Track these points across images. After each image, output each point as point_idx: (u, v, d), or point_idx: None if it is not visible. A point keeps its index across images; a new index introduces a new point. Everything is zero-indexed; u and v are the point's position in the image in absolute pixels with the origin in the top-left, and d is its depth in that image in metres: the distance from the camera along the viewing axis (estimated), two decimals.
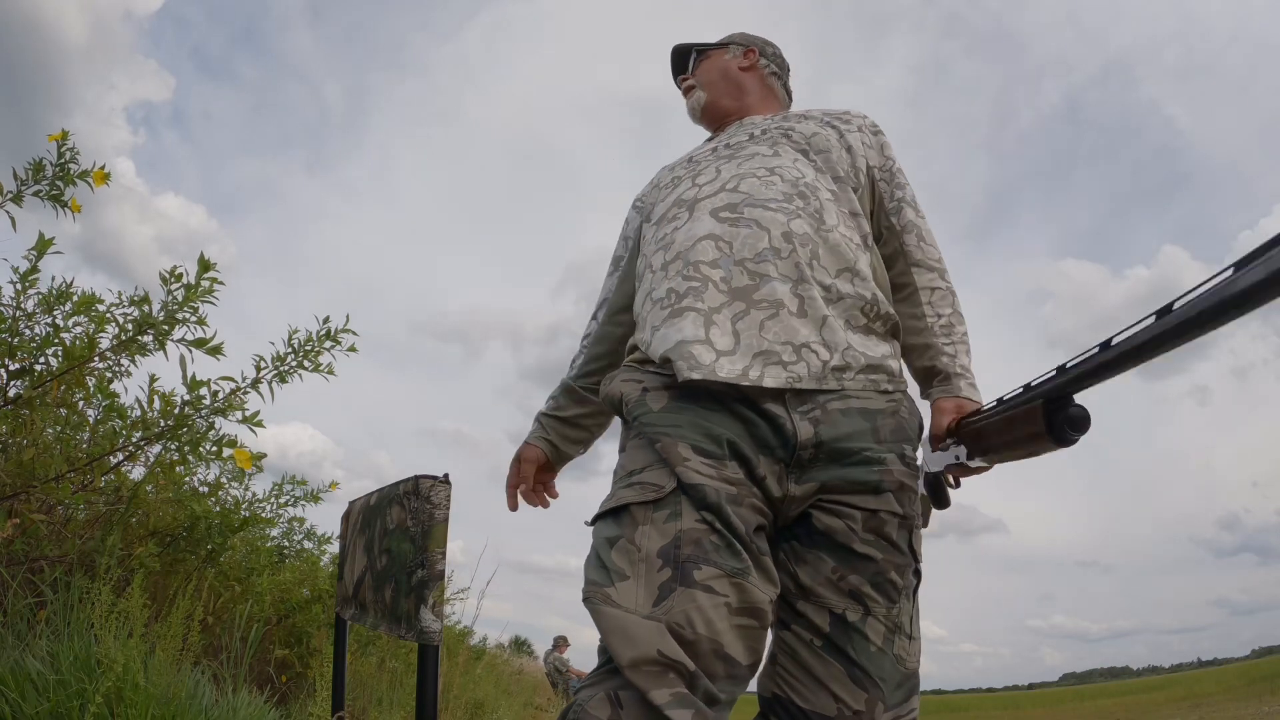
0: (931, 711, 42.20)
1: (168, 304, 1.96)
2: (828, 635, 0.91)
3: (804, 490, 0.93)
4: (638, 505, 0.90)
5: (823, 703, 0.90)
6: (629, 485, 0.93)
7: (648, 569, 0.84)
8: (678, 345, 0.96)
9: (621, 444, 1.03)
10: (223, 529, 2.26)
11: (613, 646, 0.81)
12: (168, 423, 1.98)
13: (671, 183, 1.20)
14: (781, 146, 1.16)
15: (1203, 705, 16.09)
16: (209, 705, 1.73)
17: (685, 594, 0.82)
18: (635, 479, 0.93)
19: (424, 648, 1.09)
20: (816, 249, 1.02)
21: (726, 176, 1.11)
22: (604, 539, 0.91)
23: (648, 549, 0.86)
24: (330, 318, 2.14)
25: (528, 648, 11.97)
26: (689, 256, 1.03)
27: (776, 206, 1.04)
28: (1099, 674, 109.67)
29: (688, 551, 0.84)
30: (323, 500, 2.80)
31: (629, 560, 0.86)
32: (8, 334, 1.85)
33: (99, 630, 1.65)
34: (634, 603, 0.83)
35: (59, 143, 1.89)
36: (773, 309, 0.96)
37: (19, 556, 1.84)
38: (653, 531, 0.87)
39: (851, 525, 0.92)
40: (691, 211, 1.09)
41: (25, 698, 1.45)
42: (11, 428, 1.90)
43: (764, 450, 0.92)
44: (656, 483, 0.90)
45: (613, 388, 1.05)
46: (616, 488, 0.95)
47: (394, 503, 1.20)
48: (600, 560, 0.88)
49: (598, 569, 0.88)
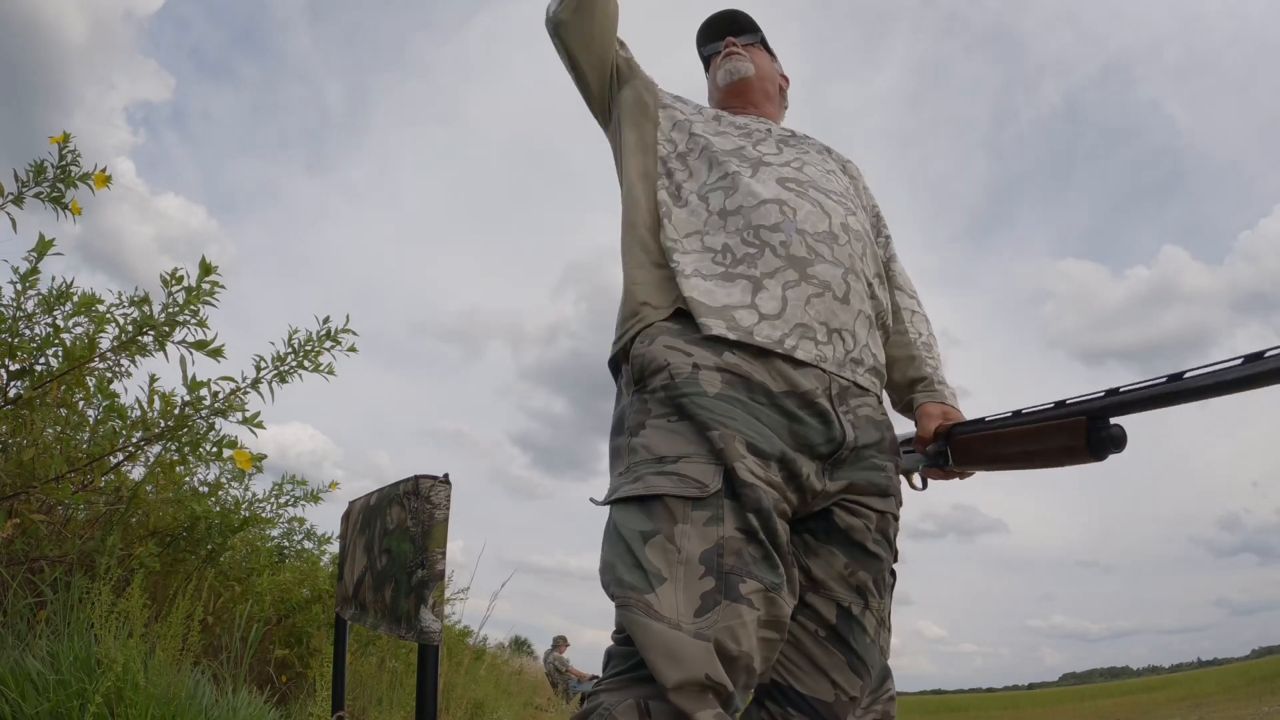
0: (931, 711, 42.17)
1: (168, 306, 1.96)
2: (833, 626, 0.95)
3: (836, 487, 0.96)
4: (675, 499, 0.85)
5: (822, 689, 0.93)
6: (663, 473, 0.87)
7: (687, 574, 0.81)
8: (723, 308, 0.95)
9: (639, 418, 0.93)
10: (223, 529, 2.26)
11: (655, 664, 0.78)
12: (168, 423, 1.98)
13: (718, 128, 1.19)
14: (826, 157, 1.22)
15: (1203, 705, 16.09)
16: (209, 705, 1.73)
17: (731, 609, 0.81)
18: (671, 468, 0.87)
19: (424, 648, 1.09)
20: (865, 248, 1.08)
21: (789, 156, 1.13)
22: (635, 531, 0.85)
23: (689, 551, 0.83)
24: (330, 318, 2.14)
25: (528, 648, 11.97)
26: (751, 218, 1.02)
27: (835, 199, 1.08)
28: (1099, 674, 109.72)
29: (730, 562, 0.83)
30: (323, 500, 2.80)
31: (667, 561, 0.82)
32: (8, 334, 1.85)
33: (99, 630, 1.65)
34: (675, 612, 0.80)
35: (60, 145, 1.89)
36: (821, 289, 0.98)
37: (19, 556, 1.84)
38: (692, 533, 0.83)
39: (868, 525, 0.97)
40: (756, 171, 1.08)
41: (25, 698, 1.45)
42: (11, 428, 1.90)
43: (804, 449, 0.92)
44: (699, 479, 0.86)
45: (653, 351, 0.95)
46: (643, 471, 0.89)
47: (394, 503, 1.20)
48: (635, 558, 0.83)
49: (633, 569, 0.83)
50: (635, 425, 0.93)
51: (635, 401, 0.95)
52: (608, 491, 0.93)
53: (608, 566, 0.87)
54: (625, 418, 0.96)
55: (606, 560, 0.87)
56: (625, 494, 0.88)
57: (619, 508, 0.89)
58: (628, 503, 0.88)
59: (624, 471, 0.91)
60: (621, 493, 0.88)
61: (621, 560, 0.85)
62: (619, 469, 0.93)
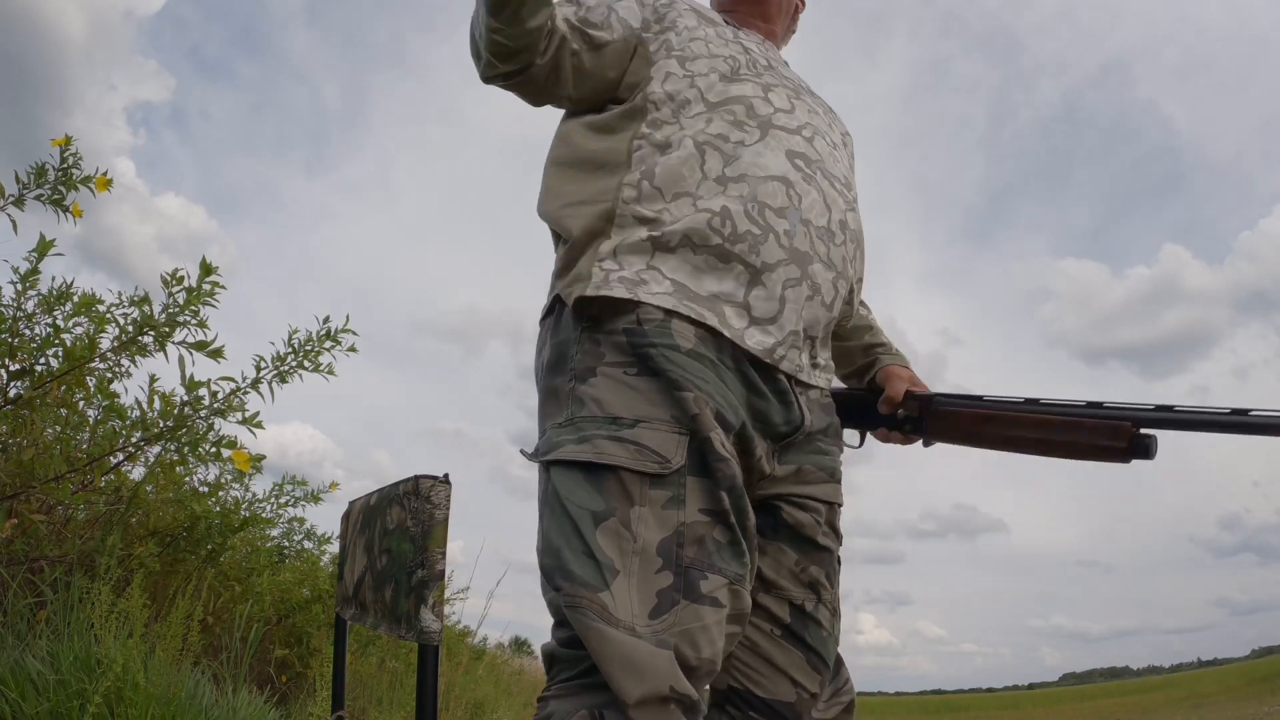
0: (931, 711, 42.15)
1: (169, 306, 1.96)
2: (788, 625, 0.91)
3: (784, 472, 0.90)
4: (630, 474, 0.75)
5: (783, 690, 0.89)
6: (617, 439, 0.76)
7: (642, 566, 0.73)
8: (712, 297, 0.83)
9: (588, 361, 0.81)
10: (223, 529, 2.26)
11: (614, 677, 0.70)
12: (168, 423, 1.98)
13: (722, 51, 0.97)
14: (832, 124, 1.04)
15: (1203, 705, 16.09)
16: (209, 705, 1.73)
17: (690, 610, 0.73)
18: (628, 434, 0.76)
19: (424, 648, 1.09)
20: (856, 251, 0.96)
21: (801, 118, 0.96)
22: (585, 511, 0.74)
23: (645, 540, 0.74)
24: (330, 318, 2.14)
25: (528, 648, 11.95)
26: (757, 192, 0.86)
27: (839, 189, 0.95)
28: (1099, 674, 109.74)
29: (691, 554, 0.75)
30: (323, 500, 2.80)
31: (620, 551, 0.73)
32: (8, 334, 1.85)
33: (99, 630, 1.65)
34: (629, 613, 0.72)
35: (62, 148, 1.89)
36: (813, 291, 0.88)
37: (19, 556, 1.84)
38: (650, 517, 0.74)
39: (817, 519, 0.93)
40: (764, 134, 0.91)
41: (25, 698, 1.45)
42: (11, 428, 1.90)
43: (760, 426, 0.85)
44: (660, 452, 0.75)
45: (613, 290, 0.81)
46: (592, 431, 0.77)
47: (394, 503, 1.20)
48: (585, 544, 0.74)
49: (583, 559, 0.73)
50: (583, 369, 0.81)
51: (585, 340, 0.82)
52: (543, 444, 0.81)
53: (552, 550, 0.76)
54: (569, 355, 0.83)
55: (551, 542, 0.76)
56: (570, 456, 0.76)
57: (561, 471, 0.78)
58: (570, 467, 0.77)
59: (565, 424, 0.80)
60: (565, 453, 0.77)
61: (569, 545, 0.75)
62: (557, 418, 0.81)
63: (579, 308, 0.84)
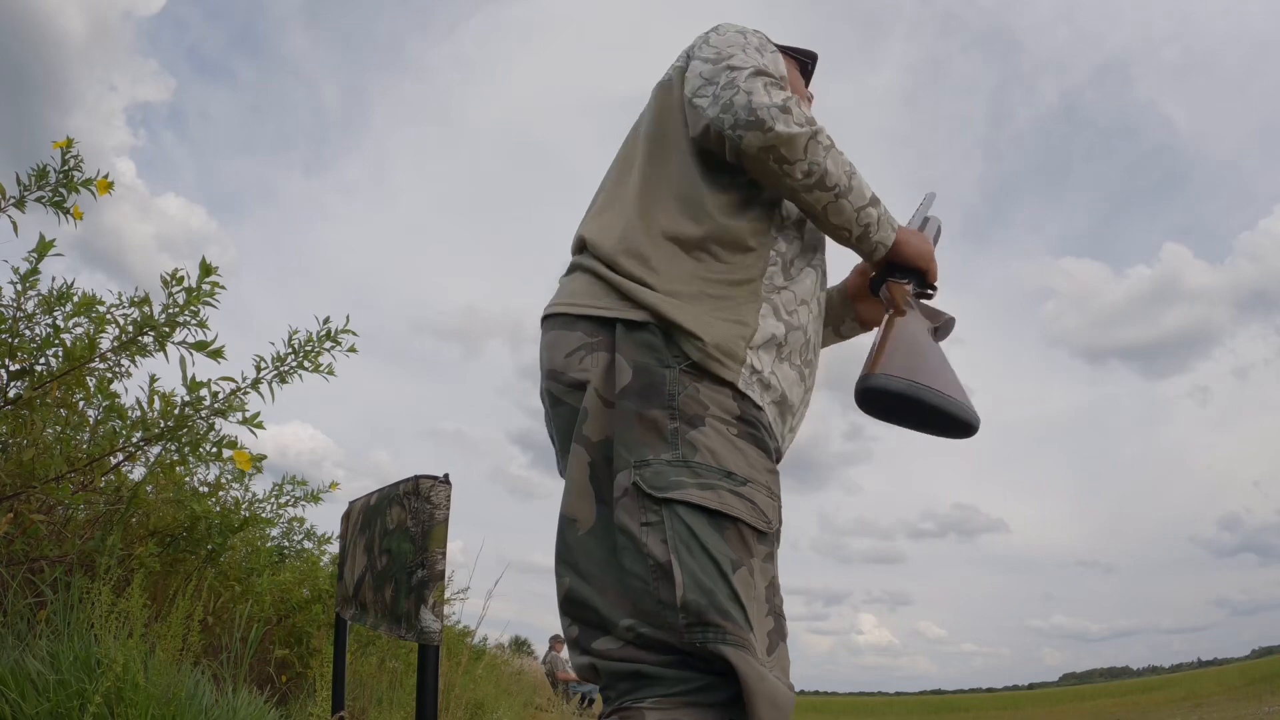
0: (931, 711, 42.15)
1: (169, 306, 1.96)
2: None
3: None
4: (747, 528, 0.83)
5: None
6: (737, 493, 0.83)
7: (757, 611, 0.81)
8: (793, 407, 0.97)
9: (696, 409, 0.85)
10: (223, 529, 2.26)
11: (759, 709, 0.75)
12: (168, 423, 1.98)
13: None
14: None
15: (1203, 705, 16.09)
16: (209, 705, 1.73)
17: (784, 650, 0.83)
18: (744, 490, 0.83)
19: (424, 648, 1.09)
20: None
21: None
22: (726, 556, 0.80)
23: (759, 588, 0.82)
24: (330, 318, 2.14)
25: (528, 648, 11.97)
26: (817, 338, 1.02)
27: None
28: (1099, 674, 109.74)
29: (779, 601, 0.85)
30: (323, 500, 2.80)
31: (747, 596, 0.80)
32: (8, 335, 1.85)
33: (99, 630, 1.65)
34: (761, 653, 0.79)
35: (63, 150, 1.89)
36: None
37: (19, 556, 1.84)
38: (758, 568, 0.83)
39: None
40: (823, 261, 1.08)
41: (25, 698, 1.45)
42: (11, 428, 1.91)
43: None
44: (766, 513, 0.85)
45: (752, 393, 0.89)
46: (714, 480, 0.82)
47: (394, 503, 1.20)
48: (730, 587, 0.79)
49: (731, 601, 0.79)
50: (690, 414, 0.85)
51: (685, 382, 0.86)
52: (656, 478, 0.83)
53: (704, 590, 0.79)
54: (665, 389, 0.86)
55: (701, 582, 0.79)
56: (697, 500, 0.81)
57: (689, 512, 0.81)
58: (696, 510, 0.81)
59: (678, 463, 0.83)
60: (692, 496, 0.81)
61: (719, 588, 0.79)
62: (663, 453, 0.83)
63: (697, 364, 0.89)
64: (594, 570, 0.86)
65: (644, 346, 0.88)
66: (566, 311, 0.96)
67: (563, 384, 0.95)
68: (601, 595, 0.85)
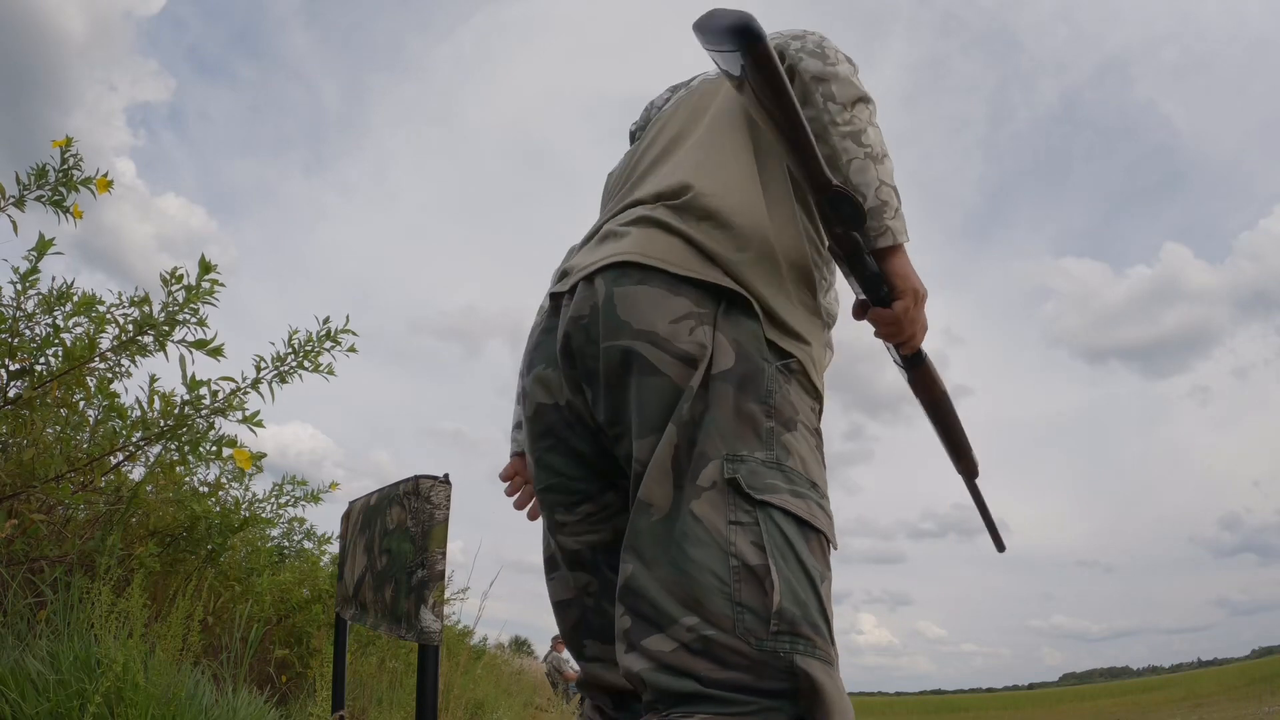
0: (931, 711, 42.15)
1: (168, 305, 1.96)
2: None
3: None
4: (828, 543, 0.82)
5: None
6: (822, 506, 0.81)
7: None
8: None
9: (790, 411, 0.83)
10: (223, 529, 2.26)
11: None
12: (168, 423, 1.98)
13: None
14: None
15: (1203, 705, 16.09)
16: (209, 705, 1.73)
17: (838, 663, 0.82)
18: (824, 504, 0.82)
19: (424, 648, 1.09)
20: None
21: None
22: (815, 568, 0.78)
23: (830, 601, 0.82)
24: (330, 318, 2.14)
25: (528, 648, 11.98)
26: None
27: None
28: (1099, 674, 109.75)
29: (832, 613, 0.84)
30: (323, 500, 2.80)
31: (832, 612, 0.79)
32: (8, 334, 1.85)
33: (99, 630, 1.65)
34: None
35: (63, 149, 1.89)
36: None
37: (19, 556, 1.84)
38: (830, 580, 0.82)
39: None
40: None
41: (25, 698, 1.45)
42: (11, 428, 1.90)
43: None
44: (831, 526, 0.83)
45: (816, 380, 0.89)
46: (805, 490, 0.80)
47: (394, 503, 1.20)
48: (820, 602, 0.77)
49: (821, 615, 0.76)
50: (786, 417, 0.82)
51: (780, 380, 0.84)
52: (752, 476, 0.79)
53: (800, 602, 0.76)
54: (764, 383, 0.83)
55: (797, 593, 0.76)
56: (791, 508, 0.78)
57: (784, 519, 0.78)
58: (788, 517, 0.78)
59: (772, 465, 0.80)
60: (787, 504, 0.79)
61: (812, 601, 0.76)
62: (757, 451, 0.80)
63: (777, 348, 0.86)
64: (660, 559, 0.79)
65: (748, 333, 0.84)
66: (664, 269, 0.86)
67: (665, 351, 0.83)
68: (661, 587, 0.78)
